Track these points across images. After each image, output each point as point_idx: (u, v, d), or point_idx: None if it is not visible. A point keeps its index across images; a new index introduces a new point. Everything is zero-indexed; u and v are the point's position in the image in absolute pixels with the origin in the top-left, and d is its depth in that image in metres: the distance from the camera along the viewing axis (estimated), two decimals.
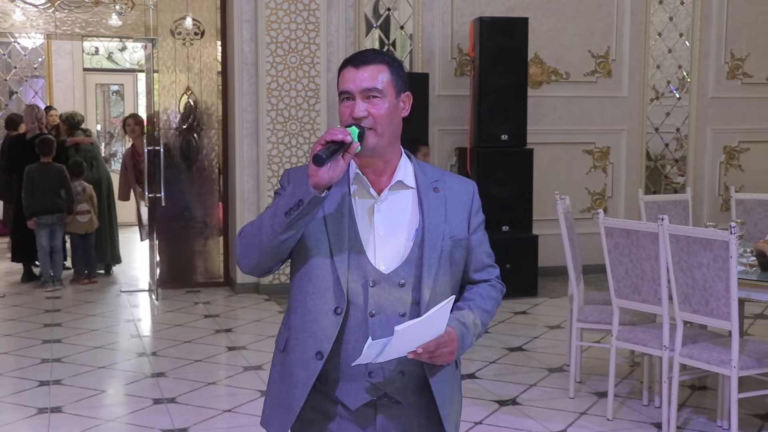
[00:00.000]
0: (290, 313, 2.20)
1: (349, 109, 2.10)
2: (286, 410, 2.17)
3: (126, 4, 9.70)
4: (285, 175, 2.22)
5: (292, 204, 1.99)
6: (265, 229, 2.04)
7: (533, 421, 4.73)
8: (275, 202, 2.08)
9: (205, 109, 8.61)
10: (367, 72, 2.12)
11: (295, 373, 2.15)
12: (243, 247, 2.11)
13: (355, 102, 2.10)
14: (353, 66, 2.13)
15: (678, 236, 4.25)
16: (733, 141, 9.48)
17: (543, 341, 6.42)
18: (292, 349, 2.17)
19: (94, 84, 13.67)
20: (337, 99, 2.17)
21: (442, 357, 2.06)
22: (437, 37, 8.50)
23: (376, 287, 2.10)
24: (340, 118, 2.13)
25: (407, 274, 2.13)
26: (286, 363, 2.18)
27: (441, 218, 2.17)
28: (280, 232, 2.02)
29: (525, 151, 7.97)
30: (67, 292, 8.27)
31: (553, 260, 8.20)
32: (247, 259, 2.11)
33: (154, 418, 4.79)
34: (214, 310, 7.52)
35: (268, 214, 2.05)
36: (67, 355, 6.04)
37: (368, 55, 2.16)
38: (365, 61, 2.13)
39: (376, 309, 2.10)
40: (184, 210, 8.57)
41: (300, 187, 1.99)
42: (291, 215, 2.00)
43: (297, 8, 7.82)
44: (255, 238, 2.06)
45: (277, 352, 2.25)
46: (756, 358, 4.21)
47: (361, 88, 2.11)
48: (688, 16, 9.29)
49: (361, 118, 2.08)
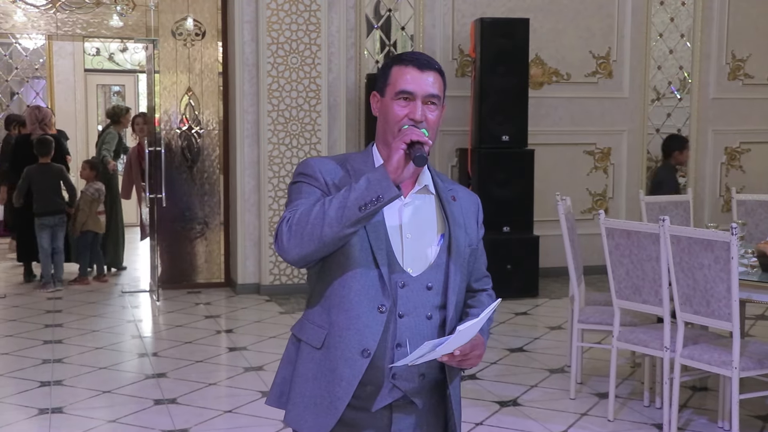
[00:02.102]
0: (330, 310, 2.14)
1: (407, 110, 2.12)
2: (327, 409, 2.13)
3: (127, 5, 9.70)
4: (311, 166, 2.17)
5: (368, 199, 1.96)
6: (330, 220, 1.98)
7: (534, 422, 4.73)
8: (342, 194, 2.00)
9: (205, 109, 8.61)
10: (431, 77, 2.15)
11: (338, 371, 2.11)
12: (296, 236, 2.02)
13: (415, 104, 2.12)
14: (416, 67, 2.14)
15: (679, 237, 4.25)
16: (734, 142, 9.48)
17: (544, 342, 6.41)
18: (333, 346, 2.12)
19: (95, 85, 13.67)
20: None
21: (472, 360, 2.12)
22: (438, 38, 8.50)
23: (405, 289, 2.13)
24: (391, 116, 2.13)
25: (434, 278, 2.16)
26: (326, 360, 2.13)
27: (462, 226, 2.23)
28: (348, 225, 1.98)
29: (526, 152, 7.97)
30: (68, 293, 8.27)
31: (554, 261, 8.20)
32: (300, 248, 2.03)
33: (155, 419, 4.79)
34: (215, 311, 7.52)
35: (334, 206, 1.98)
36: (68, 356, 6.05)
37: (430, 59, 2.19)
38: (429, 66, 2.16)
39: (405, 311, 2.12)
40: (185, 211, 8.57)
41: (378, 183, 1.97)
42: (365, 210, 1.97)
43: (298, 9, 7.83)
44: (316, 228, 1.99)
45: (309, 350, 2.17)
46: (757, 359, 4.21)
47: (426, 92, 2.14)
48: (689, 17, 9.29)
49: (420, 122, 2.11)
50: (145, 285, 8.65)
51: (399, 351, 2.11)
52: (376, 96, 2.21)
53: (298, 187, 2.15)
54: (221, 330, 6.84)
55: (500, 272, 7.68)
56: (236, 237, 8.16)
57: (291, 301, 7.66)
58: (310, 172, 2.15)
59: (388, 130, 2.15)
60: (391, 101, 2.13)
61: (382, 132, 2.18)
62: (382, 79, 2.18)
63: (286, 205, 2.17)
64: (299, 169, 2.18)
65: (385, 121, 2.15)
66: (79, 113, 13.06)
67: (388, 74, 2.16)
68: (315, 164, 2.17)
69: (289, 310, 7.37)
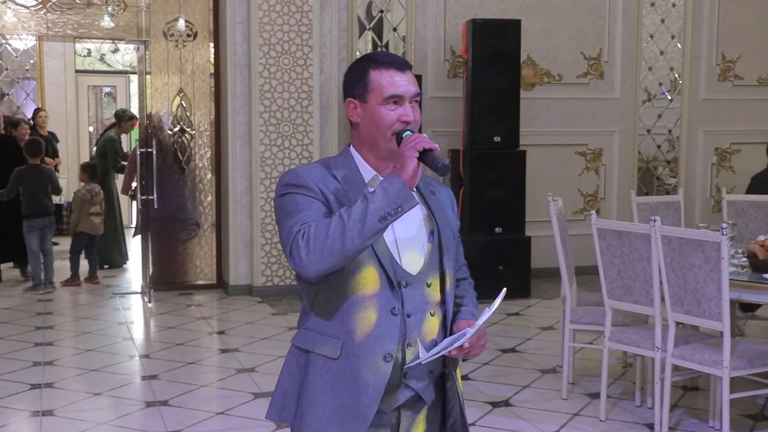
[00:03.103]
0: (345, 319, 2.11)
1: (396, 114, 2.13)
2: (354, 418, 2.11)
3: (118, 5, 9.68)
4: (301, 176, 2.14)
5: (389, 210, 1.97)
6: (351, 234, 1.97)
7: (526, 422, 4.74)
8: (359, 207, 1.98)
9: (197, 110, 8.60)
10: (411, 76, 2.18)
11: (362, 378, 2.10)
12: (316, 251, 1.99)
13: (405, 106, 2.14)
14: (397, 69, 2.16)
15: (670, 237, 4.27)
16: (724, 143, 9.52)
17: (536, 342, 6.42)
18: (354, 354, 2.10)
19: (86, 86, 13.63)
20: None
21: (477, 350, 2.16)
22: (430, 39, 8.51)
23: (408, 288, 2.15)
24: (382, 121, 2.13)
25: (431, 275, 2.20)
26: (346, 369, 2.11)
27: (446, 220, 2.26)
28: (369, 237, 1.98)
29: (518, 152, 7.98)
30: (59, 295, 8.25)
31: (545, 262, 8.21)
32: (321, 264, 2.00)
33: (147, 421, 4.78)
34: (206, 313, 7.51)
35: (354, 219, 1.97)
36: (60, 358, 6.03)
37: (403, 58, 2.20)
38: (407, 65, 2.18)
39: (411, 310, 2.15)
40: (176, 212, 8.56)
41: (398, 194, 1.97)
42: (386, 221, 1.98)
43: (290, 10, 7.82)
44: (336, 242, 1.97)
45: (323, 361, 2.13)
46: (747, 358, 4.22)
47: (412, 92, 2.16)
48: (680, 19, 9.32)
49: (411, 123, 2.14)
50: (137, 286, 8.63)
51: (409, 350, 2.14)
52: (353, 102, 2.18)
53: (293, 198, 2.11)
54: (213, 331, 6.84)
55: (492, 273, 7.70)
56: (228, 238, 8.15)
57: (283, 302, 7.66)
58: (302, 183, 2.12)
59: (378, 135, 2.15)
60: (378, 106, 2.13)
61: (368, 137, 2.17)
62: (360, 84, 2.16)
63: (281, 217, 2.12)
64: (288, 179, 2.15)
65: (374, 126, 2.15)
66: (70, 114, 13.03)
67: (367, 79, 2.15)
68: (304, 174, 2.14)
69: (281, 311, 7.36)
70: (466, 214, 7.84)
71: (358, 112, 2.18)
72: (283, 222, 2.11)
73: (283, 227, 2.10)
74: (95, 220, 8.79)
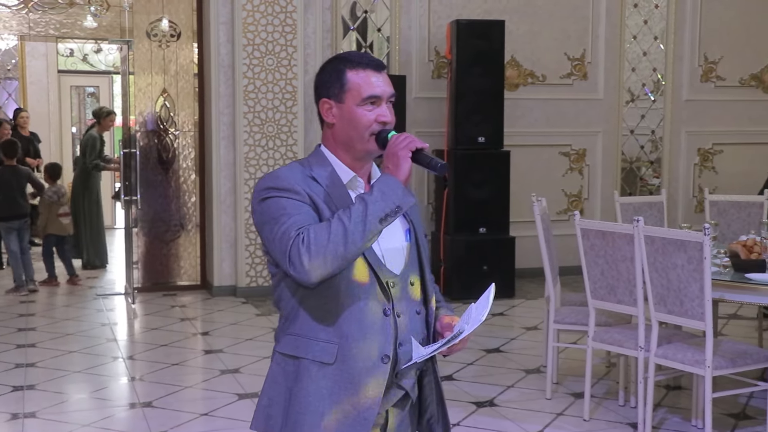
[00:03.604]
0: (340, 322, 2.09)
1: (374, 114, 2.12)
2: (355, 421, 2.09)
3: (101, 5, 9.63)
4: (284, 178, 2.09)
5: (388, 210, 1.97)
6: (352, 237, 1.95)
7: (510, 422, 4.75)
8: (357, 209, 1.96)
9: (181, 111, 8.57)
10: (386, 77, 2.18)
11: (361, 382, 2.08)
12: (318, 256, 1.95)
13: (383, 107, 2.13)
14: (374, 70, 2.15)
15: (653, 237, 4.29)
16: (707, 143, 9.57)
17: (520, 343, 6.44)
18: (351, 357, 2.08)
19: (68, 86, 13.55)
20: (327, 101, 2.15)
21: (461, 344, 2.17)
22: (414, 40, 8.52)
23: (395, 288, 2.14)
24: (360, 122, 2.12)
25: (413, 273, 2.20)
26: (343, 373, 2.08)
27: (417, 218, 2.27)
28: (370, 239, 1.98)
29: (502, 153, 8.00)
30: (41, 296, 8.20)
31: (529, 262, 8.23)
32: (323, 269, 1.96)
33: (131, 423, 4.76)
34: (190, 314, 7.49)
35: (354, 221, 1.95)
36: (42, 360, 5.99)
37: (379, 60, 2.19)
38: (382, 65, 2.18)
39: (400, 310, 2.15)
40: (160, 212, 8.53)
41: (395, 193, 1.98)
42: (385, 222, 1.98)
43: (274, 10, 7.81)
44: (339, 246, 1.94)
45: (317, 367, 2.09)
46: (729, 358, 4.25)
47: (389, 93, 2.15)
48: (663, 20, 9.37)
49: (389, 123, 2.14)
50: (121, 288, 8.58)
51: (401, 350, 2.13)
52: (328, 102, 2.15)
53: (278, 202, 2.06)
54: (197, 332, 6.81)
55: (476, 273, 7.72)
56: (212, 239, 8.13)
57: (267, 303, 7.64)
58: (287, 186, 2.07)
59: (355, 136, 2.13)
60: (356, 107, 2.12)
61: (345, 138, 2.15)
62: (337, 85, 2.14)
63: (266, 222, 2.07)
64: (269, 183, 2.10)
65: (352, 127, 2.13)
66: (53, 115, 12.95)
67: (344, 79, 2.13)
68: (287, 177, 2.10)
69: (266, 312, 7.35)
70: (450, 214, 7.86)
71: (334, 113, 2.15)
72: (270, 227, 2.05)
73: (272, 233, 2.04)
74: (64, 221, 8.78)
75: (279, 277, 2.16)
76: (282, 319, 2.20)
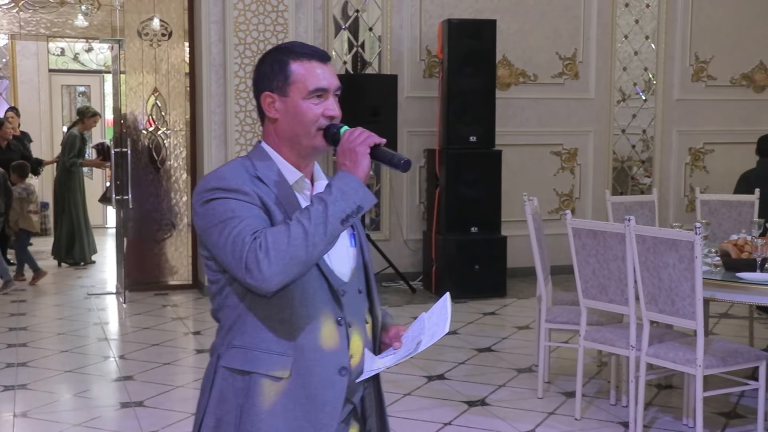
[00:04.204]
0: (295, 333, 1.95)
1: (321, 108, 1.99)
2: None
3: (92, 4, 9.60)
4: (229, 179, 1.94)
5: (349, 210, 1.85)
6: (314, 240, 1.81)
7: (502, 421, 4.76)
8: (316, 210, 1.83)
9: (172, 110, 8.55)
10: (332, 68, 2.05)
11: (318, 396, 1.96)
12: (278, 262, 1.80)
13: (329, 100, 2.01)
14: (320, 61, 2.02)
15: (644, 237, 4.30)
16: (698, 143, 9.59)
17: (511, 342, 6.45)
18: (307, 371, 1.95)
19: (59, 85, 13.51)
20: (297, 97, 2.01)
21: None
22: (406, 39, 8.52)
23: (346, 296, 2.02)
24: (305, 116, 2.00)
25: (361, 280, 2.09)
26: (299, 388, 1.95)
27: (359, 222, 2.12)
28: (331, 241, 1.85)
29: (493, 152, 8.01)
30: (33, 296, 8.17)
31: (521, 261, 8.24)
32: (284, 275, 1.82)
33: (122, 422, 4.75)
34: (182, 313, 7.47)
35: (314, 223, 1.82)
36: (33, 359, 5.97)
37: (323, 50, 2.06)
38: (327, 57, 2.04)
39: (351, 319, 2.03)
40: (151, 212, 8.51)
41: (356, 192, 1.86)
42: (348, 222, 1.86)
43: (265, 9, 7.80)
44: (299, 250, 1.80)
45: (270, 382, 1.95)
46: (720, 357, 4.26)
47: (335, 86, 2.03)
48: (654, 19, 9.39)
49: (336, 117, 2.02)
50: (112, 287, 8.56)
51: (353, 361, 2.02)
52: (271, 96, 2.02)
53: (226, 204, 1.90)
54: (188, 332, 6.80)
55: (468, 272, 7.73)
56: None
57: None
58: (234, 186, 1.92)
59: (301, 132, 2.00)
60: (301, 101, 1.99)
61: (289, 133, 2.01)
62: (280, 77, 2.00)
63: (213, 226, 1.90)
64: (215, 183, 1.94)
65: (297, 122, 2.00)
66: (44, 114, 12.91)
67: (288, 71, 1.99)
68: (232, 176, 1.95)
69: None
70: (442, 213, 7.86)
71: (277, 107, 2.01)
72: (218, 231, 1.89)
73: (221, 237, 1.88)
74: (33, 218, 8.96)
75: (222, 283, 2.00)
76: (223, 330, 2.04)
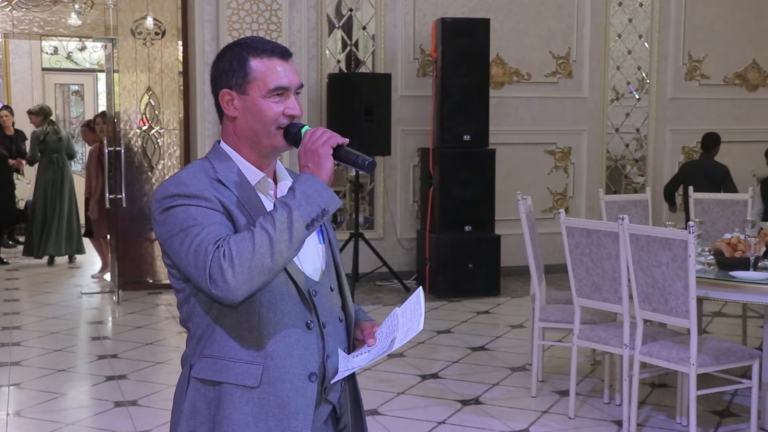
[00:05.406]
0: (263, 341, 1.91)
1: (282, 106, 1.93)
2: None
3: (85, 3, 9.59)
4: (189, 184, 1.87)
5: (314, 215, 1.79)
6: (279, 247, 1.75)
7: (496, 420, 4.76)
8: (280, 215, 1.77)
9: (166, 109, 8.54)
10: (293, 66, 1.99)
11: (290, 404, 1.91)
12: (243, 272, 1.75)
13: (290, 99, 1.95)
14: (280, 58, 1.96)
15: (638, 236, 4.30)
16: (691, 141, 9.60)
17: (505, 341, 6.45)
18: (278, 379, 1.90)
19: (53, 84, 13.49)
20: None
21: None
22: (399, 38, 8.52)
23: (317, 297, 1.98)
24: (265, 115, 1.93)
25: (332, 278, 2.05)
26: (270, 397, 1.90)
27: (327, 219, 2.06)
28: (297, 247, 1.79)
29: (487, 151, 8.01)
30: (26, 294, 8.16)
31: (515, 260, 8.25)
32: (249, 285, 1.76)
33: (116, 421, 4.75)
34: (175, 312, 7.45)
35: (279, 229, 1.76)
36: (27, 358, 5.96)
37: (285, 47, 2.00)
38: (288, 54, 1.98)
39: (325, 319, 1.99)
40: (145, 210, 8.50)
41: (320, 195, 1.80)
42: (313, 226, 1.80)
43: (259, 8, 7.79)
44: (265, 258, 1.75)
45: (241, 392, 1.91)
46: (714, 355, 4.27)
47: (297, 83, 1.97)
48: (647, 18, 9.40)
49: (297, 116, 1.96)
50: (105, 286, 8.55)
51: (329, 362, 1.98)
52: (230, 94, 1.96)
53: (187, 211, 1.83)
54: (182, 331, 6.79)
55: (462, 271, 7.73)
56: None
57: None
58: (194, 192, 1.85)
59: (261, 131, 1.94)
60: (261, 99, 1.93)
61: (249, 133, 1.96)
62: (239, 74, 1.95)
63: (174, 234, 1.83)
64: (174, 189, 1.87)
65: (257, 121, 1.94)
66: None
67: (247, 68, 1.94)
68: (191, 182, 1.88)
69: None
70: (436, 212, 7.86)
71: (236, 105, 1.96)
72: (180, 240, 1.82)
73: (182, 246, 1.81)
74: None
75: (188, 292, 1.95)
76: (193, 340, 2.00)
